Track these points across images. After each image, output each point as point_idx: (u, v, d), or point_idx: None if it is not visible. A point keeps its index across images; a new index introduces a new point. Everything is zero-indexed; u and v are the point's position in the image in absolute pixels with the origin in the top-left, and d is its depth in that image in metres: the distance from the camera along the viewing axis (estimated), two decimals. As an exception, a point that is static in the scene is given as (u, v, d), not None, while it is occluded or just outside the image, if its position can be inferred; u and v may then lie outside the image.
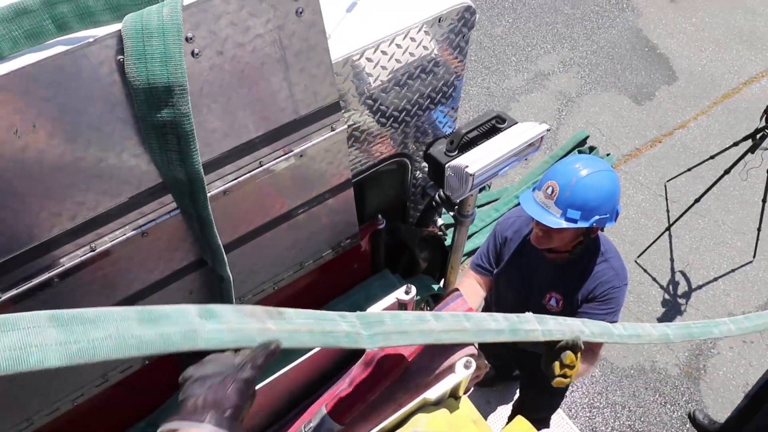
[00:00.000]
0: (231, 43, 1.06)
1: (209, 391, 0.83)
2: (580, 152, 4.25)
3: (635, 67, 5.41)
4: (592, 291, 2.02)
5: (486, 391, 3.36)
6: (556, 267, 2.04)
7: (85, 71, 0.94)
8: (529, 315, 1.34)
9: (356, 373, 1.29)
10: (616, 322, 2.02)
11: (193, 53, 1.03)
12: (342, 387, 1.29)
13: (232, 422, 0.82)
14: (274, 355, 0.86)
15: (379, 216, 1.82)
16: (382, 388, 1.26)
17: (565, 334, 1.42)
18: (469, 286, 2.31)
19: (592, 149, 4.65)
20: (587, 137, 4.77)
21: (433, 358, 1.33)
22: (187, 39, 1.01)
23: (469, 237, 4.05)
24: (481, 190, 1.68)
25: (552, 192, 1.83)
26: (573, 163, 1.85)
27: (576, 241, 1.95)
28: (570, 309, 2.06)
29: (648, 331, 1.55)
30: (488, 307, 2.56)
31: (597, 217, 1.82)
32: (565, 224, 1.81)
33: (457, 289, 1.50)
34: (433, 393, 1.30)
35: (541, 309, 2.12)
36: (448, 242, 2.12)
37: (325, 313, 0.95)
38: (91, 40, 0.93)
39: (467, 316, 1.19)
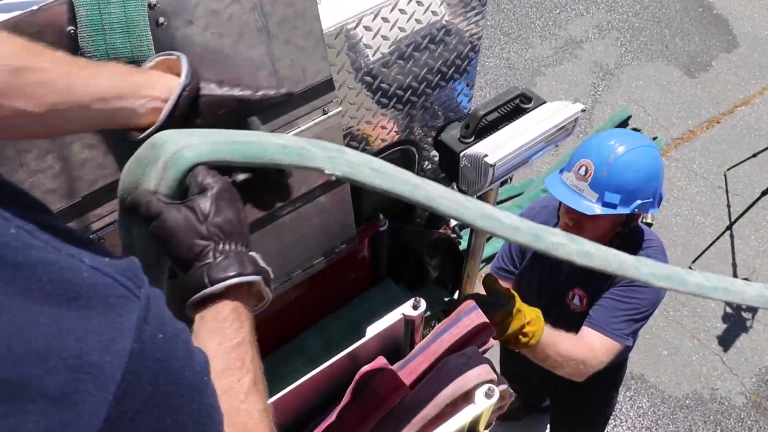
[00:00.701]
0: (202, 10, 1.08)
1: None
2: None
3: (687, 32, 5.43)
4: (618, 278, 2.00)
5: (511, 426, 3.38)
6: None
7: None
8: (555, 229, 1.22)
9: (344, 403, 1.31)
10: (626, 332, 2.01)
11: (158, 23, 1.06)
12: (330, 421, 1.31)
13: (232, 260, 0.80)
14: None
15: (381, 216, 1.84)
16: (375, 421, 1.29)
17: (609, 263, 1.20)
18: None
19: (636, 132, 4.69)
20: (629, 117, 4.82)
21: (442, 384, 1.35)
22: (150, 6, 1.03)
23: (489, 239, 4.08)
24: (502, 184, 1.70)
25: (586, 172, 1.85)
26: (608, 139, 1.88)
27: (613, 233, 1.97)
28: None
29: (740, 288, 1.33)
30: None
31: (639, 201, 1.85)
32: (602, 210, 1.84)
33: (472, 299, 1.53)
34: (448, 428, 1.32)
35: (564, 309, 2.17)
36: (463, 246, 2.14)
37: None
38: (35, 8, 0.95)
39: (468, 200, 1.10)
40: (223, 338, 0.76)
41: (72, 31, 0.99)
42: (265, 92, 1.01)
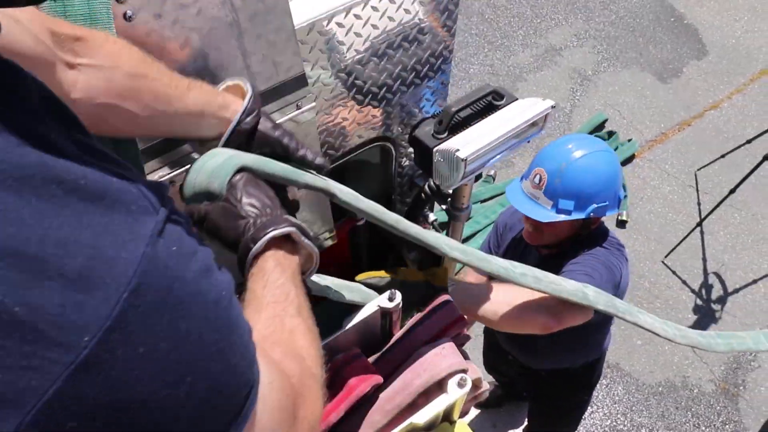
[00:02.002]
0: (171, 3, 1.02)
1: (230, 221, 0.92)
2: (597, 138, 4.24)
3: (659, 40, 5.40)
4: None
5: (492, 413, 3.33)
6: (546, 257, 2.03)
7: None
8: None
9: None
10: (581, 279, 1.71)
11: (125, 16, 1.00)
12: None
13: (270, 220, 0.91)
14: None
15: (359, 211, 1.78)
16: (347, 408, 1.23)
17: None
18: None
19: (611, 134, 4.65)
20: (605, 121, 4.78)
21: (416, 374, 1.30)
22: (117, -1, 0.97)
23: (472, 236, 4.03)
24: (478, 178, 1.65)
25: (540, 180, 1.81)
26: (563, 145, 1.83)
27: (573, 235, 1.92)
28: None
29: (555, 281, 1.44)
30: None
31: (594, 205, 1.80)
32: (556, 217, 1.79)
33: (446, 292, 1.47)
34: (421, 417, 1.28)
35: None
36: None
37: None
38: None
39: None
40: (267, 281, 0.85)
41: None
42: (305, 153, 1.06)
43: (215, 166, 0.91)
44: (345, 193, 1.13)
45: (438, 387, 1.33)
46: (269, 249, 0.88)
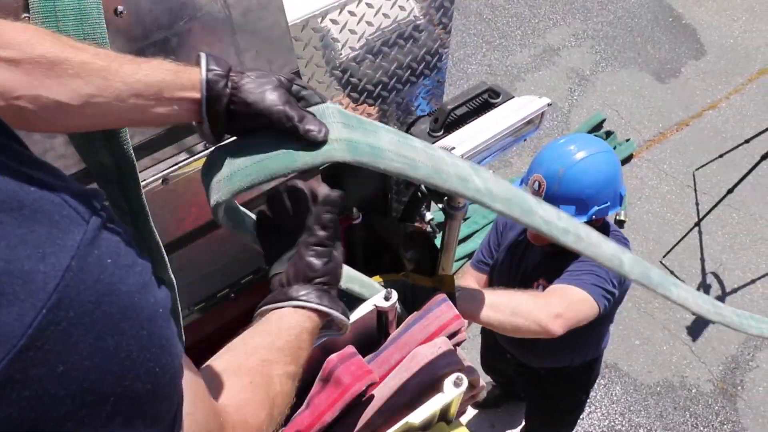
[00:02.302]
0: (163, -1, 1.01)
1: (290, 264, 0.92)
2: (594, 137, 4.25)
3: (658, 40, 5.39)
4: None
5: (490, 413, 3.32)
6: (548, 254, 2.03)
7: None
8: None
9: (313, 392, 1.26)
10: (588, 282, 1.78)
11: (116, 11, 0.99)
12: (300, 409, 1.25)
13: (322, 290, 0.90)
14: (336, 206, 0.95)
15: (355, 210, 1.77)
16: (342, 407, 1.22)
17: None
18: (466, 286, 2.30)
19: (609, 134, 4.64)
20: (603, 120, 4.77)
21: (412, 375, 1.29)
22: (108, -6, 0.96)
23: (470, 236, 4.02)
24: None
25: (539, 187, 1.80)
26: (560, 148, 1.82)
27: None
28: None
29: (595, 241, 1.32)
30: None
31: (596, 208, 1.79)
32: None
33: (438, 291, 1.47)
34: (417, 416, 1.27)
35: None
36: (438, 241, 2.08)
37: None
38: (-14, -7, 0.88)
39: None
40: (280, 330, 0.86)
41: (27, 18, 0.93)
42: (294, 125, 0.85)
43: (221, 177, 0.87)
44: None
45: (433, 386, 1.32)
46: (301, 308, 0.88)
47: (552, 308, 1.64)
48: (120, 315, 0.50)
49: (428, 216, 2.04)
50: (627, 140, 4.63)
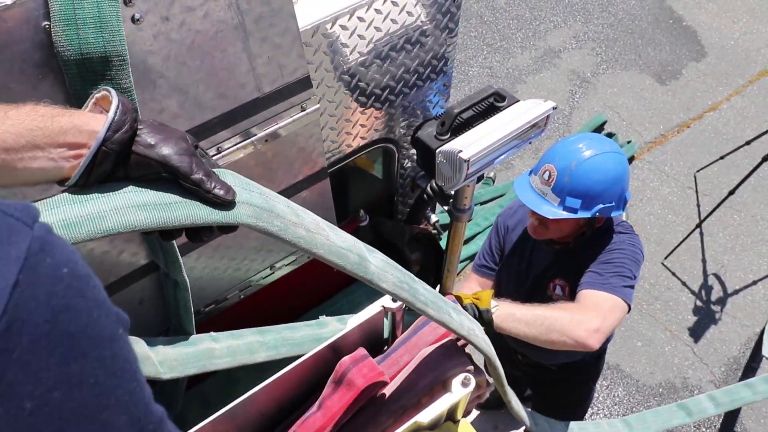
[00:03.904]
0: (179, 6, 1.04)
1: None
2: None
3: (658, 42, 5.42)
4: (596, 259, 1.95)
5: (493, 414, 3.34)
6: (558, 253, 2.05)
7: (2, 39, 0.92)
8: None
9: (326, 393, 1.28)
10: (619, 285, 1.83)
11: (133, 19, 1.01)
12: (312, 411, 1.27)
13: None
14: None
15: (362, 212, 1.80)
16: (355, 409, 1.24)
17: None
18: (469, 291, 2.31)
19: (610, 136, 4.67)
20: (605, 122, 4.79)
21: (421, 374, 1.31)
22: (125, 2, 0.99)
23: (472, 238, 4.04)
24: (480, 180, 1.66)
25: (549, 177, 1.83)
26: (574, 144, 1.85)
27: (577, 233, 1.95)
28: None
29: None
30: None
31: (600, 206, 1.82)
32: (563, 214, 1.81)
33: (451, 293, 1.49)
34: (426, 416, 1.29)
35: (546, 300, 2.13)
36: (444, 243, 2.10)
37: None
38: (8, 2, 0.90)
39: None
40: None
41: (47, 26, 0.95)
42: (201, 178, 0.77)
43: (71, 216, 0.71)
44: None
45: (442, 386, 1.35)
46: None
47: (590, 324, 1.66)
48: (80, 334, 0.44)
49: (433, 218, 2.06)
50: (628, 142, 4.66)
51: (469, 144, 1.44)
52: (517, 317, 1.62)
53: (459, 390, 1.31)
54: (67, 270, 0.44)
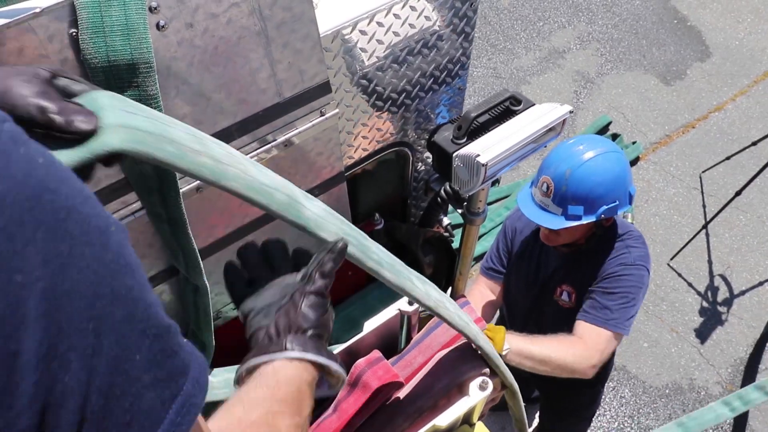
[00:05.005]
0: (202, 13, 1.05)
1: (279, 315, 0.84)
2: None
3: (663, 42, 5.43)
4: (601, 273, 2.01)
5: (501, 416, 3.35)
6: (567, 257, 2.06)
7: (31, 47, 0.92)
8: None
9: (341, 396, 1.28)
10: (621, 320, 1.94)
11: (158, 26, 1.02)
12: (327, 413, 1.28)
13: (317, 342, 0.83)
14: (342, 256, 0.86)
15: (377, 215, 1.81)
16: (371, 411, 1.25)
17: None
18: (478, 294, 2.32)
19: (615, 137, 4.68)
20: (609, 123, 4.80)
21: (437, 377, 1.32)
22: (151, 9, 0.99)
23: (479, 239, 4.05)
24: (495, 183, 1.67)
25: (547, 189, 1.85)
26: (567, 150, 1.86)
27: (589, 233, 1.97)
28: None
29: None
30: (502, 319, 2.55)
31: (604, 207, 1.83)
32: (567, 223, 1.83)
33: (463, 295, 1.50)
34: (444, 419, 1.29)
35: (552, 305, 2.15)
36: (456, 245, 2.11)
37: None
38: (37, 10, 0.91)
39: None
40: (278, 383, 0.78)
41: (74, 34, 0.96)
42: (48, 119, 0.59)
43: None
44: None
45: (458, 390, 1.35)
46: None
47: (590, 360, 1.87)
48: (64, 214, 0.43)
49: (445, 221, 2.07)
50: (633, 143, 4.67)
51: (487, 148, 1.44)
52: (525, 355, 1.75)
53: (476, 393, 1.31)
54: (43, 160, 0.43)
